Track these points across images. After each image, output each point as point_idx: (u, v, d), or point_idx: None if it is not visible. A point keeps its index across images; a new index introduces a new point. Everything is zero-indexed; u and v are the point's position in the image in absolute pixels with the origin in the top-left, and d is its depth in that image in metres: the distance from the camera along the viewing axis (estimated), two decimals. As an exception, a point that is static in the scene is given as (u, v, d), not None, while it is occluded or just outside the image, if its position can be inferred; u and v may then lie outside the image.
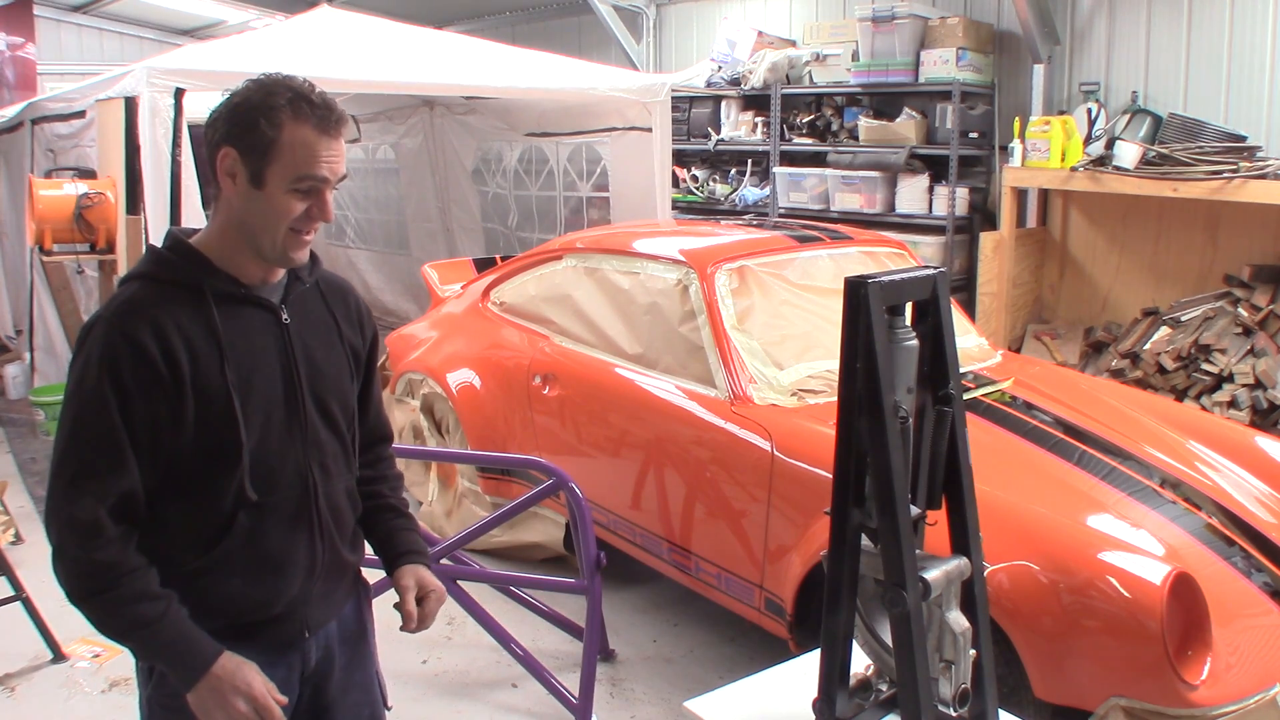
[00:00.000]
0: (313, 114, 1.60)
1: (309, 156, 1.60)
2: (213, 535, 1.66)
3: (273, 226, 1.64)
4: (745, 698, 1.95)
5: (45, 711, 3.39)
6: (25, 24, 11.61)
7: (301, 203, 1.63)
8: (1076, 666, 2.54)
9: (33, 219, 5.14)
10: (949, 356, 1.73)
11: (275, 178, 1.61)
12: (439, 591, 1.90)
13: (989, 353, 4.17)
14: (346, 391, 1.83)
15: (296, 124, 1.59)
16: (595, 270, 4.26)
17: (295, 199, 1.62)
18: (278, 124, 1.59)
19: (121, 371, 1.57)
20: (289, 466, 1.71)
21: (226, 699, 1.59)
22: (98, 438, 1.57)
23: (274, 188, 1.61)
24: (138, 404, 1.57)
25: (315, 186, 1.63)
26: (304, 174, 1.61)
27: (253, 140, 1.60)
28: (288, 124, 1.59)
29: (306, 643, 1.80)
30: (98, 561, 1.57)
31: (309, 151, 1.60)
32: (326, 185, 1.64)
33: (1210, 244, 5.84)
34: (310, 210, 1.64)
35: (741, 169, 7.97)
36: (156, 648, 1.62)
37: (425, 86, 6.60)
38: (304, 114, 1.60)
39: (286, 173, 1.60)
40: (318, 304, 1.81)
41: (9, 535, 4.64)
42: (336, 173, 1.65)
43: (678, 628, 3.94)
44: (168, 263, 1.68)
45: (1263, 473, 3.40)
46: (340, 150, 1.65)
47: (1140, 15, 6.12)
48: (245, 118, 1.60)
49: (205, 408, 1.61)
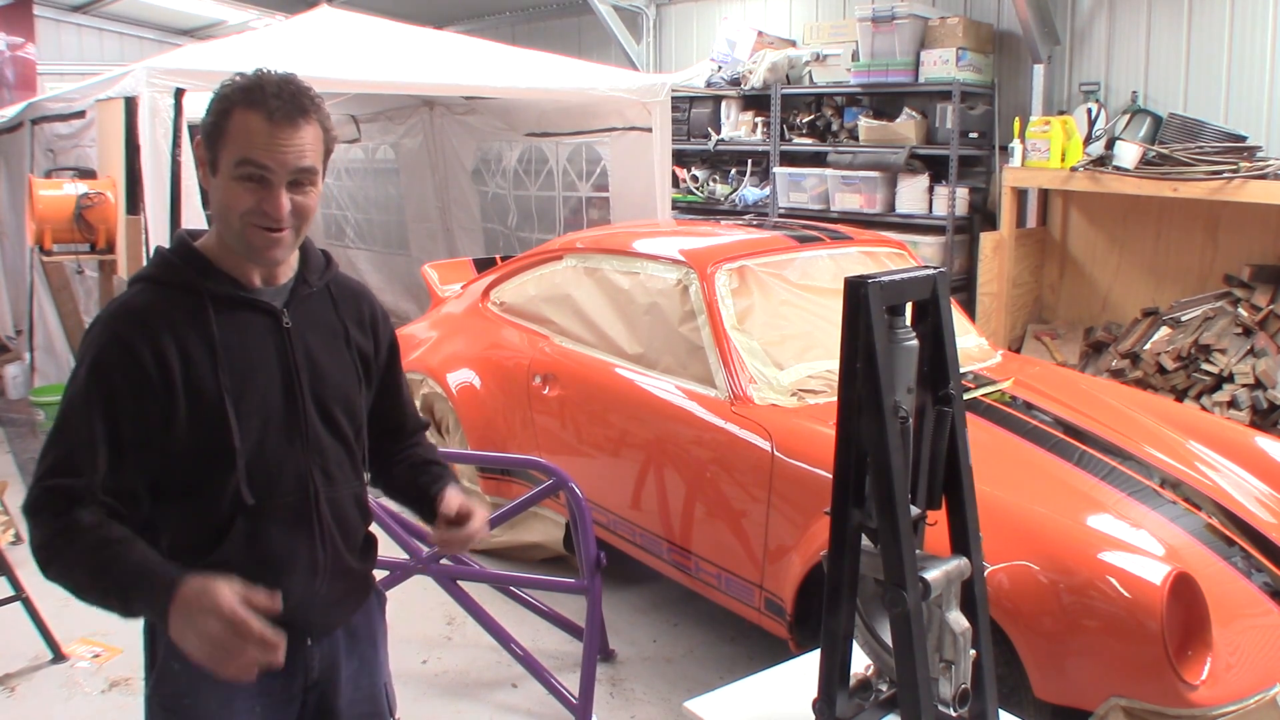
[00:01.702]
0: (265, 102, 1.58)
1: (250, 142, 1.58)
2: (211, 539, 1.66)
3: (226, 216, 1.63)
4: (745, 698, 1.95)
5: (45, 711, 3.39)
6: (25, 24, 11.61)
7: (250, 194, 1.60)
8: (1076, 666, 2.54)
9: (33, 219, 5.14)
10: (949, 356, 1.73)
11: (224, 164, 1.60)
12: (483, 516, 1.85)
13: (989, 353, 4.17)
14: (352, 397, 1.81)
15: (246, 110, 1.59)
16: (595, 270, 4.26)
17: (241, 187, 1.60)
18: (228, 110, 1.60)
19: (111, 373, 1.58)
20: (288, 471, 1.70)
21: (196, 621, 1.46)
22: (77, 436, 1.58)
23: (223, 175, 1.61)
24: (127, 404, 1.58)
25: (259, 175, 1.59)
26: (244, 158, 1.58)
27: (210, 126, 1.61)
28: (238, 110, 1.59)
29: (309, 650, 1.78)
30: (59, 526, 1.56)
31: (250, 138, 1.58)
32: (272, 175, 1.59)
33: (1210, 244, 5.84)
34: (261, 204, 1.60)
35: (741, 169, 7.97)
36: (122, 583, 1.53)
37: (425, 86, 6.59)
38: (255, 101, 1.59)
39: (231, 157, 1.59)
40: (326, 308, 1.79)
41: (9, 535, 4.64)
42: (286, 165, 1.59)
43: (678, 628, 3.94)
44: (170, 265, 1.68)
45: (1263, 473, 3.40)
46: (298, 143, 1.60)
47: (1140, 15, 6.12)
48: (210, 107, 1.63)
49: (198, 411, 1.61)
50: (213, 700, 1.70)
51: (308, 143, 1.61)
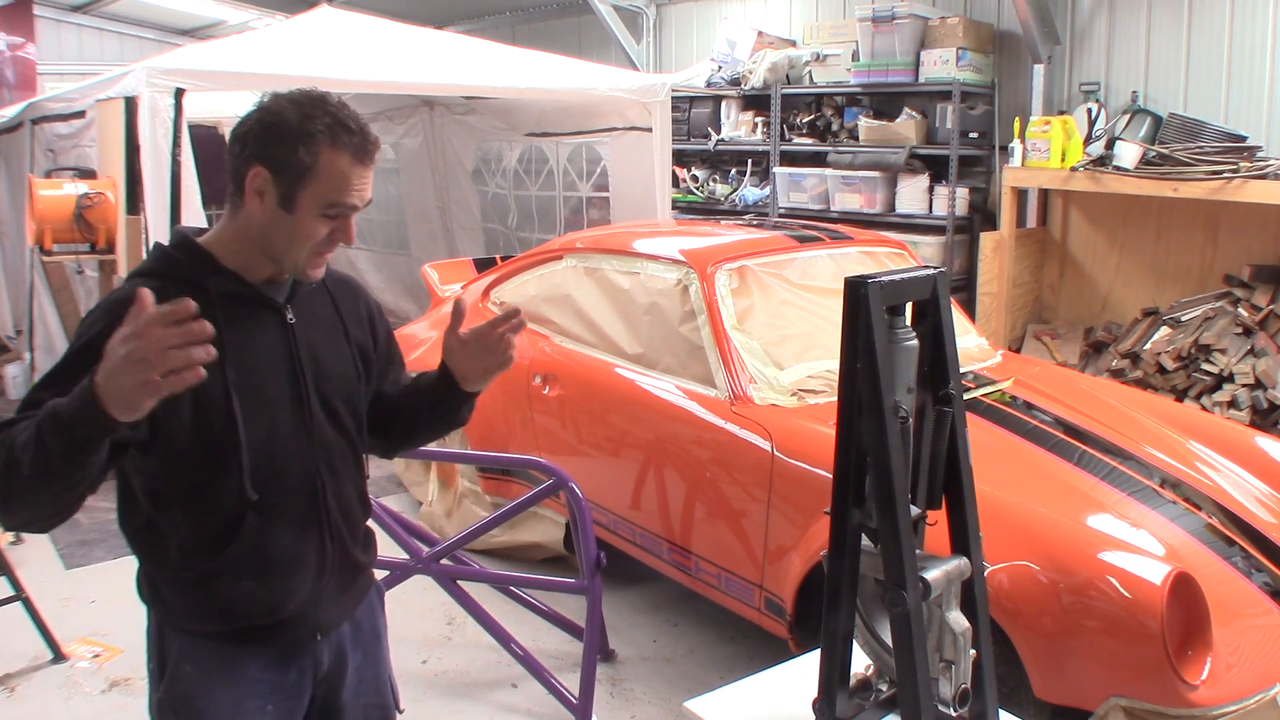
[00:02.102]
0: (350, 142, 1.59)
1: (343, 186, 1.60)
2: (221, 537, 1.65)
3: (297, 248, 1.64)
4: (745, 698, 1.95)
5: (45, 711, 3.39)
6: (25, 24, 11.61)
7: (327, 226, 1.63)
8: (1076, 666, 2.54)
9: (33, 219, 5.14)
10: (949, 356, 1.73)
11: (306, 203, 1.60)
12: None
13: (989, 353, 4.17)
14: (354, 392, 1.82)
15: (334, 152, 1.58)
16: (595, 270, 4.26)
17: (323, 224, 1.63)
18: (315, 151, 1.58)
19: None
20: (295, 466, 1.70)
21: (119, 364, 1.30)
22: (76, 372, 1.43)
23: (304, 213, 1.61)
24: None
25: (344, 213, 1.64)
26: (335, 201, 1.61)
27: (288, 163, 1.58)
28: (325, 151, 1.58)
29: (319, 645, 1.79)
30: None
31: (344, 181, 1.60)
32: (354, 211, 1.65)
33: (1210, 244, 5.84)
34: (334, 234, 1.65)
35: (741, 169, 7.97)
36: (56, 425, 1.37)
37: (425, 86, 6.60)
38: (342, 142, 1.59)
39: (318, 199, 1.60)
40: (325, 304, 1.81)
41: (9, 535, 4.64)
42: (365, 199, 1.64)
43: (678, 628, 3.94)
44: (173, 260, 1.67)
45: (1263, 473, 3.40)
46: (369, 177, 1.64)
47: (1140, 15, 6.12)
48: (281, 140, 1.58)
49: (204, 406, 1.60)
50: (225, 699, 1.71)
51: (371, 175, 1.66)
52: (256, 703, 1.73)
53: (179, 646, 1.71)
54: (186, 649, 1.71)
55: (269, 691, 1.73)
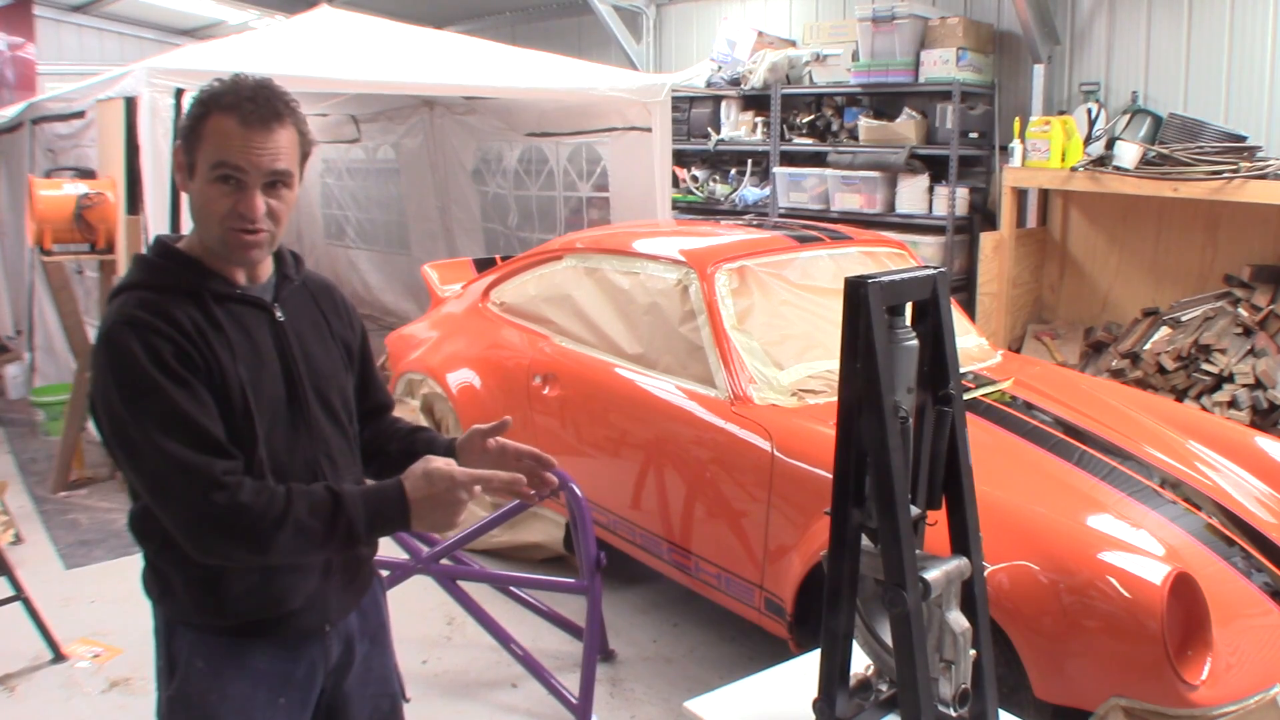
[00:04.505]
0: (239, 106, 1.61)
1: (225, 144, 1.61)
2: None
3: (205, 218, 1.66)
4: (745, 698, 1.95)
5: (45, 711, 3.39)
6: (25, 24, 11.61)
7: (225, 196, 1.63)
8: (1076, 666, 2.54)
9: (33, 219, 5.14)
10: (949, 356, 1.73)
11: (200, 166, 1.63)
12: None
13: (989, 353, 4.17)
14: (344, 385, 1.86)
15: (221, 114, 1.62)
16: (595, 270, 4.26)
17: (217, 190, 1.62)
18: (205, 115, 1.63)
19: (163, 354, 1.57)
20: (298, 461, 1.72)
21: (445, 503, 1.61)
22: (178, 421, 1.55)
23: (200, 177, 1.64)
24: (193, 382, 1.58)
25: (234, 177, 1.62)
26: (219, 159, 1.61)
27: (188, 130, 1.65)
28: (213, 114, 1.62)
29: (328, 636, 1.81)
30: (248, 502, 1.55)
31: (226, 141, 1.61)
32: (246, 177, 1.62)
33: (1210, 244, 5.84)
34: (237, 206, 1.63)
35: (741, 169, 7.97)
36: (363, 525, 1.62)
37: (425, 86, 6.59)
38: (229, 105, 1.62)
39: (207, 161, 1.62)
40: (307, 302, 1.84)
41: (9, 535, 4.64)
42: (260, 167, 1.62)
43: (678, 628, 3.94)
44: (160, 269, 1.69)
45: (1263, 473, 3.40)
46: (271, 146, 1.63)
47: (1140, 15, 6.12)
48: (189, 111, 1.66)
49: (224, 402, 1.63)
50: (238, 693, 1.72)
51: (282, 146, 1.64)
52: (268, 695, 1.74)
53: (189, 642, 1.72)
54: (197, 645, 1.72)
55: (280, 684, 1.75)
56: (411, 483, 1.62)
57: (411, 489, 1.62)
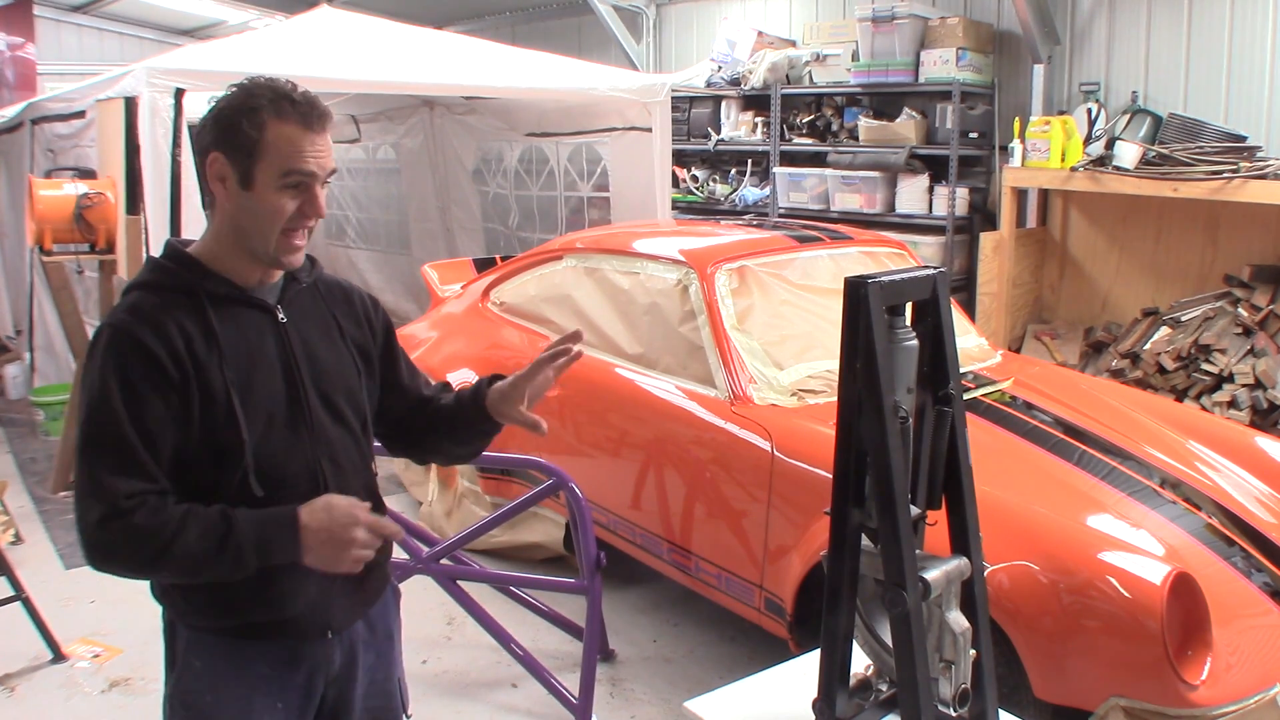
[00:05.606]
0: (295, 110, 1.62)
1: (294, 152, 1.62)
2: None
3: (266, 227, 1.65)
4: (745, 698, 1.95)
5: (45, 711, 3.39)
6: (25, 24, 11.62)
7: (292, 200, 1.64)
8: (1076, 666, 2.54)
9: (33, 219, 5.14)
10: (949, 356, 1.73)
11: (263, 176, 1.63)
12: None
13: (989, 353, 4.17)
14: (354, 387, 1.84)
15: (280, 122, 1.62)
16: (595, 270, 4.26)
17: (285, 196, 1.64)
18: (260, 123, 1.61)
19: (131, 374, 1.58)
20: (296, 463, 1.71)
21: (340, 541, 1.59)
22: (113, 442, 1.58)
23: (263, 187, 1.63)
24: (151, 403, 1.59)
25: (303, 182, 1.64)
26: (290, 169, 1.62)
27: (238, 142, 1.62)
28: (271, 122, 1.61)
29: (330, 644, 1.79)
30: (140, 525, 1.57)
31: (294, 147, 1.62)
32: (315, 180, 1.65)
33: (1210, 244, 5.84)
34: (302, 207, 1.65)
35: (741, 169, 7.97)
36: (251, 551, 1.59)
37: (425, 86, 6.60)
38: (286, 112, 1.62)
39: (274, 170, 1.62)
40: (317, 303, 1.83)
41: (9, 535, 4.64)
42: (324, 167, 1.66)
43: (678, 628, 3.94)
44: (164, 270, 1.70)
45: (1263, 473, 3.40)
46: (326, 145, 1.67)
47: (1140, 15, 6.12)
48: (229, 121, 1.63)
49: (208, 408, 1.63)
50: (234, 695, 1.71)
51: (330, 144, 1.69)
52: (266, 700, 1.73)
53: (188, 642, 1.72)
54: (195, 645, 1.72)
55: (278, 689, 1.74)
56: (309, 512, 1.60)
57: (308, 517, 1.60)
